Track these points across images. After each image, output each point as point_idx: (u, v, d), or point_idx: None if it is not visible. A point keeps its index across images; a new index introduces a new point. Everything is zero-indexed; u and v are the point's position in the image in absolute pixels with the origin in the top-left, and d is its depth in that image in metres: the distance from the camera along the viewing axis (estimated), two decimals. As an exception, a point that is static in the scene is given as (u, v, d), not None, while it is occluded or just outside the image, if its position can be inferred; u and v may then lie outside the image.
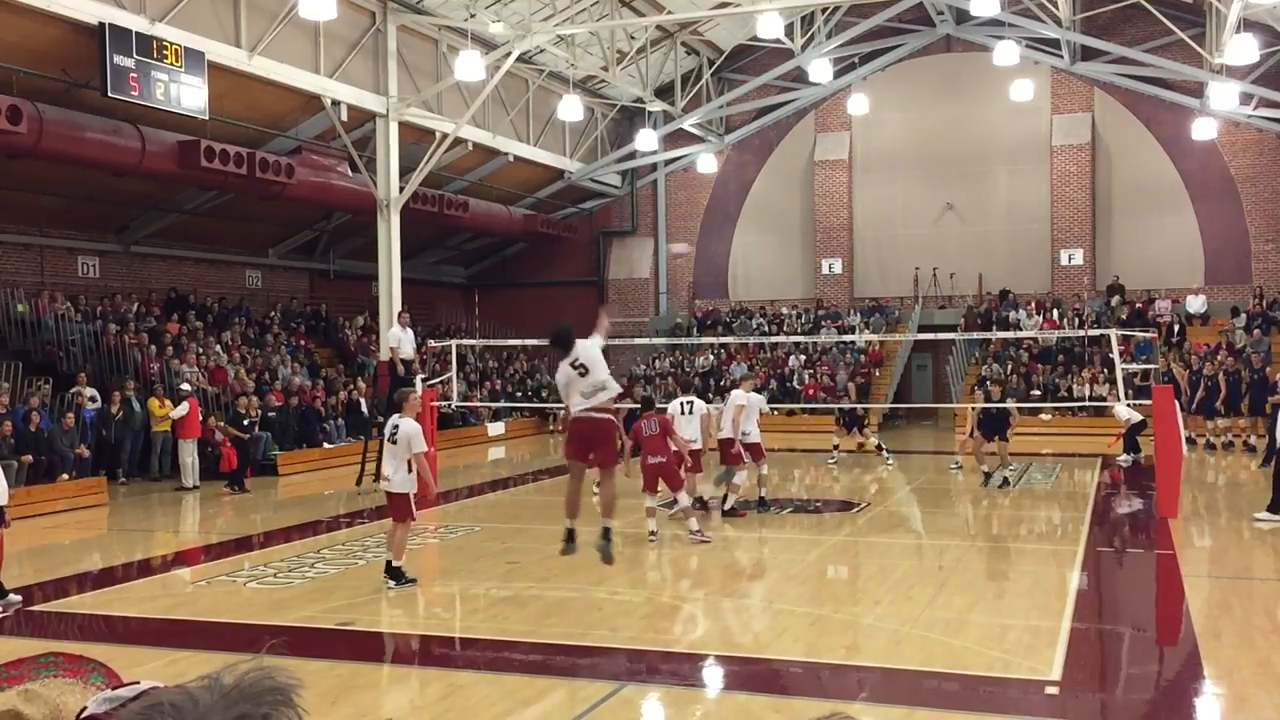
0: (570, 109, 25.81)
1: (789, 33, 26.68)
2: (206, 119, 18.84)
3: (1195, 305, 28.50)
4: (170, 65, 17.76)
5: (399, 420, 10.41)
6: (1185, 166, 28.98)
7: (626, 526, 12.83)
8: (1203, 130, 27.62)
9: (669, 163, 32.96)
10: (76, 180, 20.63)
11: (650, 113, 30.32)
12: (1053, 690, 7.16)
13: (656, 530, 12.59)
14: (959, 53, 30.31)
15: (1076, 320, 27.90)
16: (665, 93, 30.16)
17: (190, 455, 18.60)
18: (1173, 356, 25.23)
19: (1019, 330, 27.06)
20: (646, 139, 29.66)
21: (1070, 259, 29.68)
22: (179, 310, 24.07)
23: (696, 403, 14.54)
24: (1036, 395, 25.92)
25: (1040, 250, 30.12)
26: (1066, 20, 26.31)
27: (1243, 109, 27.33)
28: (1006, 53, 25.71)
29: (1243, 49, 19.84)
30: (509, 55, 22.54)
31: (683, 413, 14.13)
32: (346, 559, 12.03)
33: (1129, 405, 18.56)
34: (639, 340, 29.31)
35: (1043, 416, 25.55)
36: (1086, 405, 24.47)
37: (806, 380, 28.71)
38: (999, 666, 7.66)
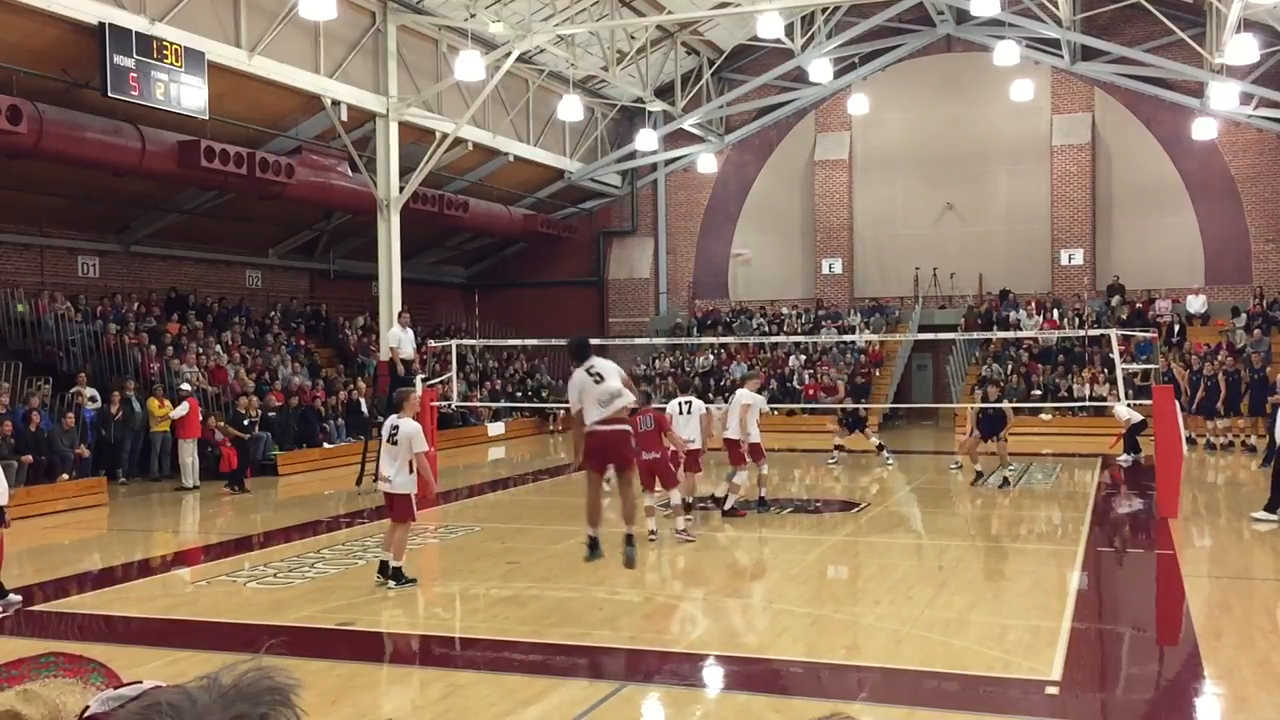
0: (570, 109, 25.81)
1: (789, 33, 26.68)
2: (206, 119, 18.84)
3: (1195, 305, 28.50)
4: (170, 65, 17.76)
5: (399, 420, 10.40)
6: (1185, 166, 28.99)
7: (663, 525, 12.82)
8: (1203, 130, 27.62)
9: (669, 163, 32.96)
10: (76, 180, 20.63)
11: (650, 113, 30.32)
12: (1053, 690, 7.16)
13: (656, 529, 12.58)
14: (959, 53, 30.32)
15: (1076, 320, 27.90)
16: (665, 93, 30.16)
17: (190, 455, 18.60)
18: (1173, 356, 25.23)
19: (1019, 330, 27.05)
20: (646, 139, 29.66)
21: (1070, 259, 29.67)
22: (179, 310, 24.08)
23: (695, 403, 14.53)
24: (1037, 395, 25.92)
25: (1040, 250, 30.12)
26: (1066, 20, 26.32)
27: (1243, 109, 27.33)
28: (1006, 53, 25.72)
29: (1243, 49, 19.84)
30: (509, 55, 22.54)
31: (681, 413, 14.12)
32: (346, 559, 12.03)
33: (1129, 405, 18.57)
34: (639, 340, 29.33)
35: (1043, 416, 25.54)
36: (1087, 405, 24.47)
37: (806, 380, 28.72)
38: (999, 666, 7.66)
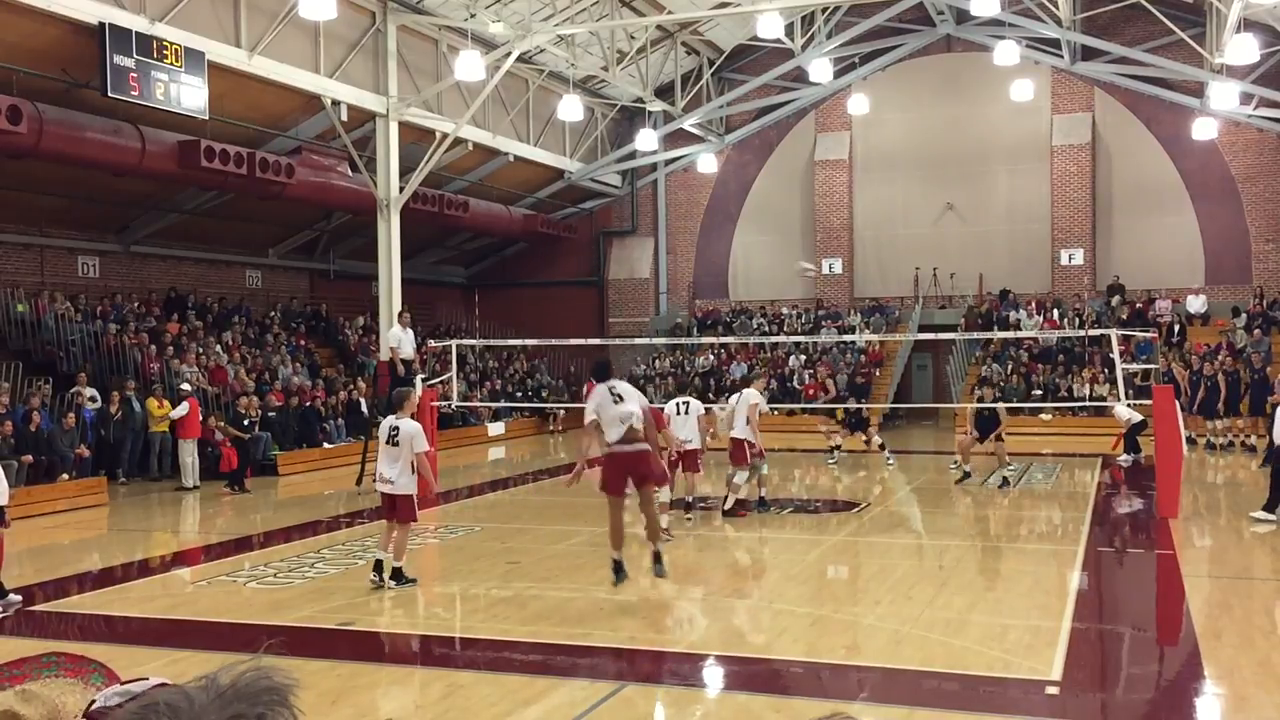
0: (570, 109, 25.80)
1: (789, 33, 26.67)
2: (206, 119, 18.84)
3: (1195, 305, 28.49)
4: (170, 65, 17.76)
5: (398, 421, 10.37)
6: (1185, 166, 28.98)
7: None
8: (1203, 130, 27.61)
9: (669, 163, 32.95)
10: (76, 180, 20.63)
11: (650, 113, 30.31)
12: (1053, 690, 7.15)
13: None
14: (959, 53, 30.31)
15: (1077, 320, 27.89)
16: (665, 93, 30.16)
17: (190, 455, 18.59)
18: (1173, 356, 25.23)
19: (1019, 330, 27.05)
20: (646, 139, 29.66)
21: (1070, 259, 29.67)
22: (178, 310, 24.08)
23: (692, 403, 14.53)
24: (1037, 395, 25.93)
25: (1040, 250, 30.11)
26: (1067, 20, 26.32)
27: (1243, 109, 27.32)
28: (1007, 53, 25.72)
29: (1243, 49, 19.85)
30: (509, 55, 22.54)
31: (679, 413, 14.12)
32: (346, 559, 12.03)
33: (1129, 405, 18.58)
34: (639, 340, 29.32)
35: (1043, 416, 25.55)
36: (1087, 405, 24.47)
37: (806, 380, 28.71)
38: (999, 666, 7.66)
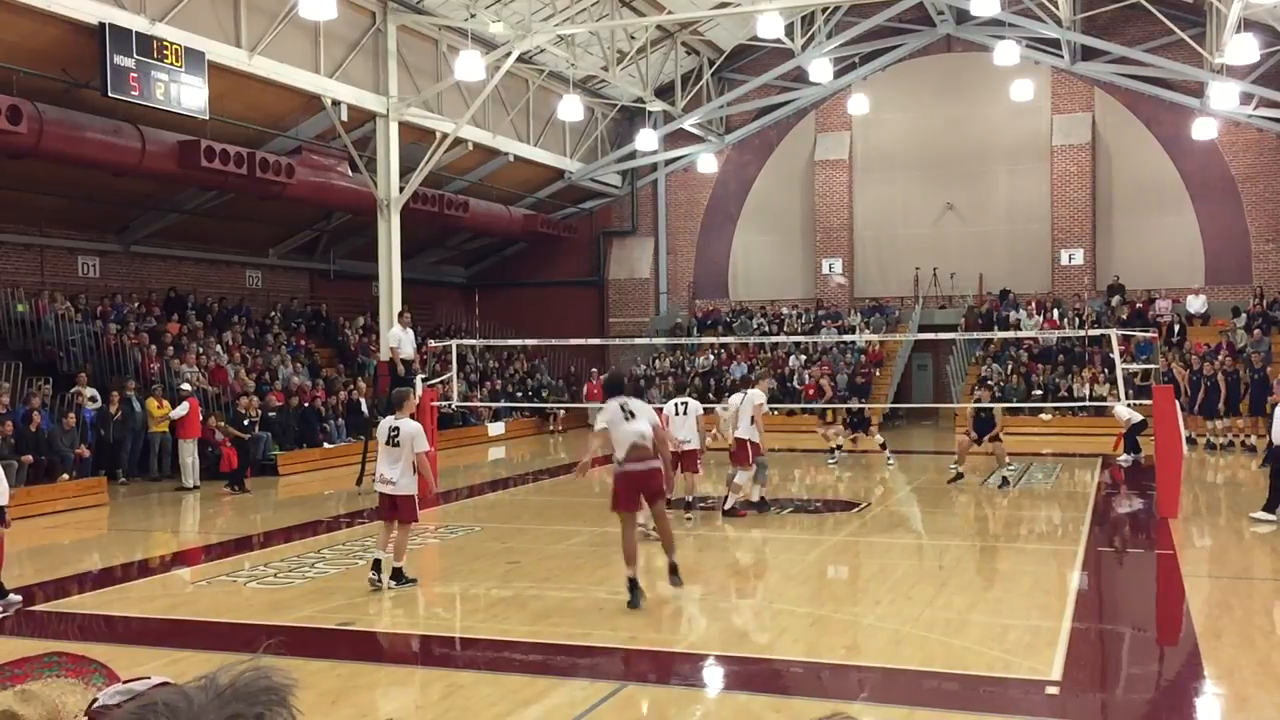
0: (570, 109, 25.79)
1: (789, 33, 26.67)
2: (206, 119, 18.83)
3: (1195, 305, 28.49)
4: (170, 65, 17.75)
5: (398, 421, 10.34)
6: (1185, 166, 28.98)
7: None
8: (1203, 130, 27.61)
9: (669, 163, 32.95)
10: (76, 180, 20.63)
11: (650, 113, 30.30)
12: (1053, 690, 7.15)
13: (647, 524, 12.63)
14: (959, 53, 30.31)
15: (1077, 320, 27.89)
16: (665, 93, 30.15)
17: (190, 455, 18.59)
18: (1173, 356, 25.24)
19: (1019, 330, 27.05)
20: (646, 139, 29.65)
21: (1070, 259, 29.66)
22: (178, 310, 24.08)
23: (691, 403, 14.53)
24: (1037, 395, 25.93)
25: (1040, 250, 30.11)
26: (1066, 20, 26.31)
27: (1243, 109, 27.32)
28: (1007, 53, 25.72)
29: (1243, 49, 19.84)
30: (509, 55, 22.53)
31: (677, 413, 14.11)
32: (346, 559, 12.03)
33: (1129, 405, 18.58)
34: (639, 340, 29.33)
35: (1043, 416, 25.56)
36: (1087, 405, 24.47)
37: (806, 380, 28.71)
38: (999, 666, 7.66)
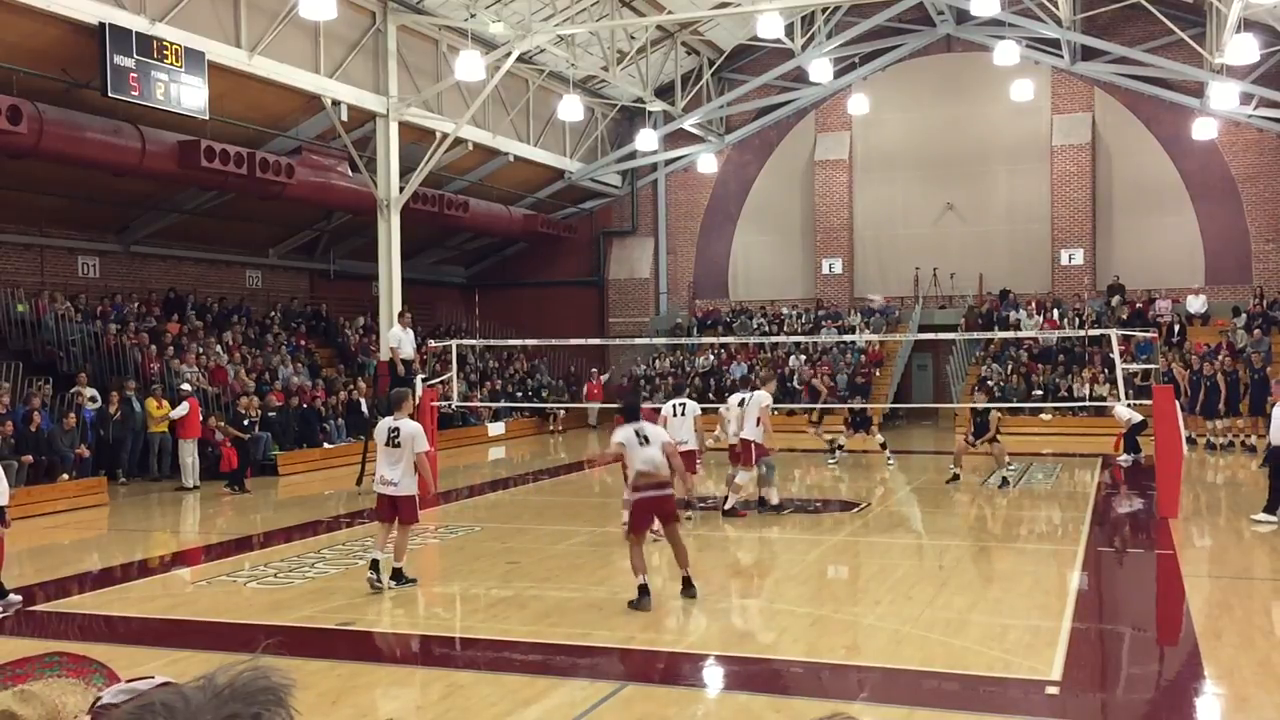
0: (570, 109, 25.79)
1: (789, 33, 26.67)
2: (206, 119, 18.83)
3: (1195, 305, 28.49)
4: (170, 65, 17.75)
5: (398, 422, 10.30)
6: (1185, 166, 28.98)
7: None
8: (1203, 130, 27.61)
9: (669, 163, 32.95)
10: (76, 180, 20.63)
11: (650, 113, 30.30)
12: (1053, 690, 7.16)
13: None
14: (959, 53, 30.31)
15: (1077, 320, 27.89)
16: (665, 93, 30.15)
17: (190, 455, 18.59)
18: (1173, 356, 25.23)
19: (1019, 330, 27.05)
20: (646, 139, 29.65)
21: (1070, 259, 29.67)
22: (177, 311, 24.07)
23: (689, 404, 14.51)
24: (1037, 395, 25.93)
25: (1040, 250, 30.11)
26: (1066, 20, 26.31)
27: (1243, 109, 27.32)
28: (1006, 53, 25.71)
29: (1243, 49, 19.84)
30: (509, 55, 22.54)
31: (675, 414, 14.10)
32: (346, 559, 12.02)
33: (1129, 405, 18.58)
34: (639, 340, 29.33)
35: (1043, 416, 25.56)
36: (1087, 405, 24.47)
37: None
38: (999, 666, 7.66)
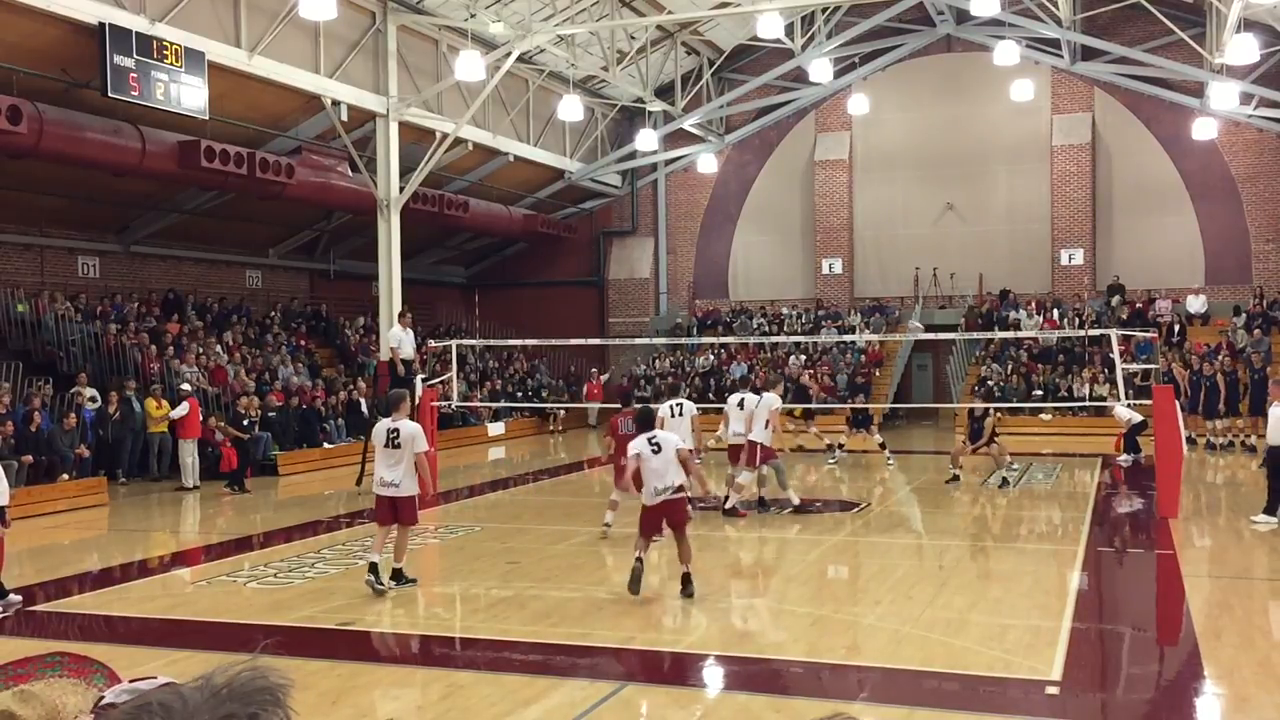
0: (570, 109, 25.79)
1: (789, 33, 26.66)
2: (206, 119, 18.83)
3: (1195, 305, 28.48)
4: (170, 65, 17.75)
5: (396, 423, 10.25)
6: (1185, 166, 28.97)
7: (630, 525, 12.84)
8: (1203, 130, 27.61)
9: (669, 163, 32.95)
10: (76, 180, 20.63)
11: (650, 113, 30.30)
12: (1053, 690, 7.15)
13: (611, 524, 12.78)
14: (959, 53, 30.31)
15: (1077, 320, 27.88)
16: (665, 93, 30.15)
17: (190, 455, 18.58)
18: (1173, 356, 25.23)
19: (1019, 330, 27.05)
20: (646, 139, 29.65)
21: (1070, 259, 29.67)
22: (177, 311, 24.06)
23: (685, 404, 14.52)
24: (1037, 395, 25.93)
25: (1040, 250, 30.11)
26: (1066, 20, 26.31)
27: (1243, 109, 27.32)
28: (1006, 53, 25.71)
29: (1243, 49, 19.84)
30: (509, 55, 22.53)
31: (672, 415, 14.09)
32: (346, 559, 12.02)
33: (1129, 405, 18.58)
34: (639, 340, 29.33)
35: (1043, 417, 25.56)
36: (1087, 405, 24.47)
37: (807, 380, 28.64)
38: (999, 666, 7.66)
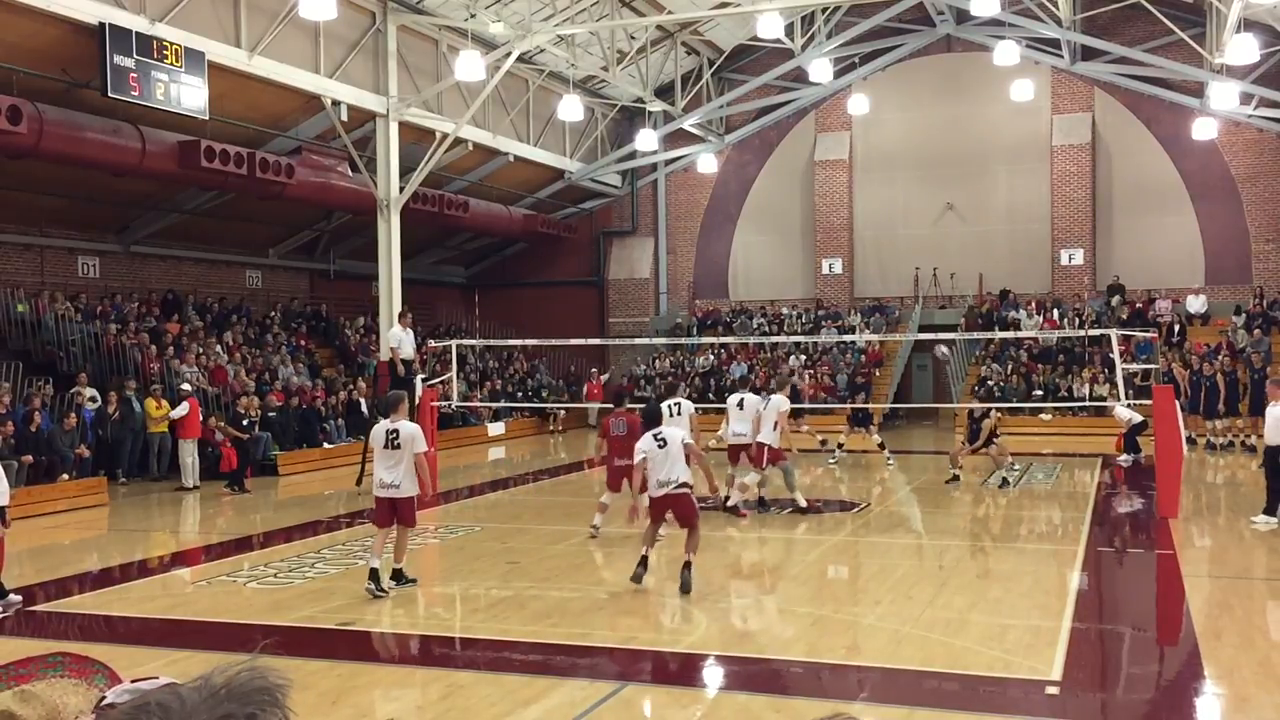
0: (570, 109, 25.79)
1: (789, 33, 26.66)
2: (206, 119, 18.83)
3: (1195, 305, 28.48)
4: (170, 65, 17.75)
5: (395, 424, 10.23)
6: (1185, 166, 28.97)
7: (628, 526, 12.85)
8: (1203, 130, 27.61)
9: (669, 163, 32.95)
10: (76, 180, 20.63)
11: (650, 113, 30.30)
12: (1053, 690, 7.16)
13: (600, 526, 12.83)
14: (959, 53, 30.31)
15: (1077, 320, 27.89)
16: (665, 93, 30.15)
17: (190, 455, 18.58)
18: (1173, 356, 25.23)
19: (1019, 330, 27.06)
20: (646, 139, 29.65)
21: (1070, 259, 29.67)
22: (176, 311, 24.06)
23: (683, 403, 14.52)
24: (1037, 395, 25.94)
25: (1040, 250, 30.11)
26: (1066, 20, 26.31)
27: (1243, 109, 27.32)
28: (1006, 53, 25.71)
29: (1243, 49, 19.83)
30: (509, 55, 22.53)
31: (670, 414, 14.07)
32: (346, 559, 12.02)
33: (1129, 406, 18.58)
34: (639, 340, 29.34)
35: (1043, 416, 25.56)
36: (1087, 405, 24.48)
37: (806, 380, 28.67)
38: (999, 666, 7.66)
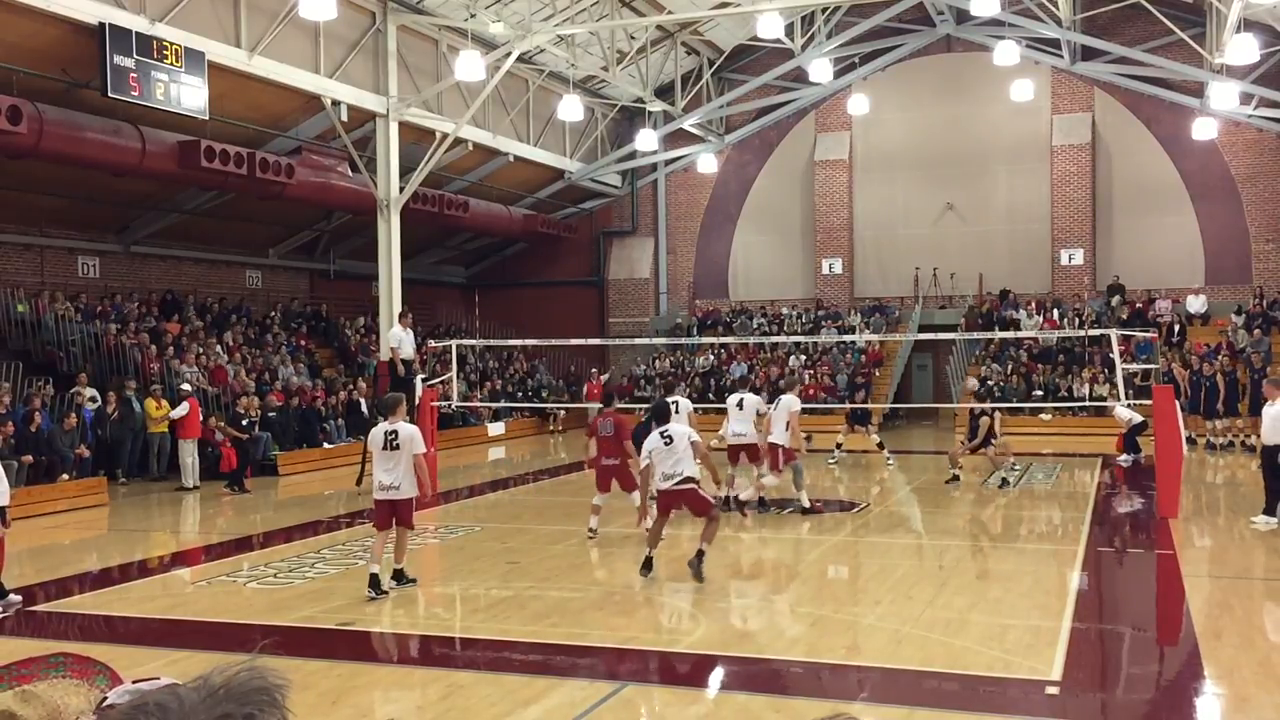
0: (570, 109, 25.78)
1: (789, 33, 26.66)
2: (206, 119, 18.83)
3: (1195, 305, 28.48)
4: (170, 65, 17.75)
5: (394, 425, 10.21)
6: (1185, 166, 28.97)
7: (626, 527, 12.87)
8: (1203, 130, 27.60)
9: (669, 163, 32.95)
10: (76, 180, 20.63)
11: (650, 113, 30.30)
12: (1053, 690, 7.16)
13: (596, 529, 12.79)
14: (959, 53, 30.31)
15: (1077, 320, 27.89)
16: (665, 93, 30.15)
17: (190, 455, 18.58)
18: (1173, 356, 25.24)
19: (1019, 330, 27.06)
20: (646, 139, 29.65)
21: (1070, 259, 29.67)
22: (176, 311, 24.05)
23: (682, 401, 14.48)
24: (1037, 395, 25.94)
25: (1040, 250, 30.11)
26: (1066, 20, 26.31)
27: (1243, 109, 27.32)
28: (1006, 53, 25.71)
29: (1243, 49, 19.83)
30: (509, 55, 22.53)
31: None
32: (346, 559, 12.03)
33: (1129, 406, 18.58)
34: (639, 340, 29.34)
35: (1043, 417, 25.56)
36: (1087, 405, 24.48)
37: (807, 380, 28.65)
38: (999, 666, 7.66)
